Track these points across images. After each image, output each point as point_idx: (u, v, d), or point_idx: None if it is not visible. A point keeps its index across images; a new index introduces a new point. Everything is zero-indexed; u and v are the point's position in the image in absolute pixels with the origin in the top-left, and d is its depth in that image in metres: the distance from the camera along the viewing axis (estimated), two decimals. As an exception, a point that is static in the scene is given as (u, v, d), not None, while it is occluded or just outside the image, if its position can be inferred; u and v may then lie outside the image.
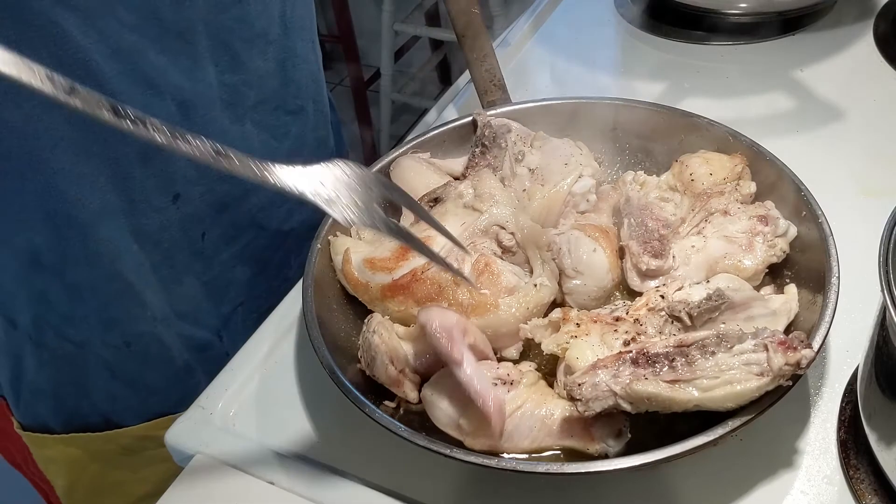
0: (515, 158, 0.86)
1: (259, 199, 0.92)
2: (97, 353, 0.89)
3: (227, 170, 0.54)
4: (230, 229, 0.92)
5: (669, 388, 0.59)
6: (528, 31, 1.26)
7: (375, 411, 0.65)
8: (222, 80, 0.83)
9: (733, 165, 0.81)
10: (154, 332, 0.90)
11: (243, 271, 0.96)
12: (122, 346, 0.90)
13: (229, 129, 0.85)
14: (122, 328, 0.89)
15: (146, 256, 0.85)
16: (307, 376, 0.81)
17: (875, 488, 0.65)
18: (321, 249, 0.79)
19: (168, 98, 0.78)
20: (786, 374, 0.59)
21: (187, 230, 0.87)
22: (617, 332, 0.68)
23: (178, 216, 0.85)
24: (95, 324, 0.87)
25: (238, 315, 0.98)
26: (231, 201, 0.90)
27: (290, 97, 0.92)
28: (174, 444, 0.76)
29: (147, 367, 0.93)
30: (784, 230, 0.76)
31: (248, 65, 0.85)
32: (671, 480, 0.68)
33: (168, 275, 0.88)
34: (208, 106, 0.82)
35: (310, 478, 0.71)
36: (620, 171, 0.91)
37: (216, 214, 0.89)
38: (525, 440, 0.65)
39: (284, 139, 0.93)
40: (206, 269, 0.92)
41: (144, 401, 0.95)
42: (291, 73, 0.91)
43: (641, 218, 0.79)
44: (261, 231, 0.95)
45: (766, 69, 1.12)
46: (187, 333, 0.94)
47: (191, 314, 0.93)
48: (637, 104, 0.90)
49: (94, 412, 0.94)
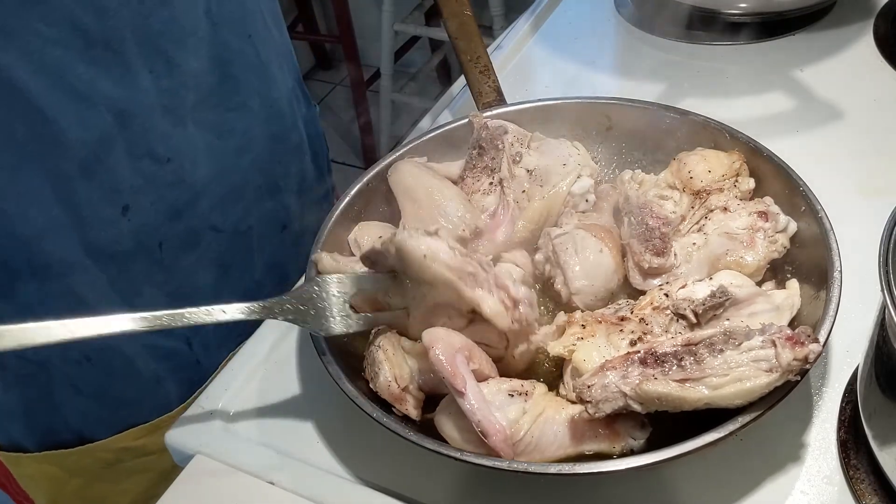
0: (513, 160, 0.86)
1: (210, 200, 0.90)
2: (59, 370, 0.87)
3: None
4: (187, 235, 0.89)
5: (679, 388, 0.60)
6: (528, 31, 1.26)
7: (383, 417, 0.64)
8: (159, 85, 0.80)
9: (731, 162, 0.81)
10: (114, 345, 0.88)
11: (206, 277, 0.93)
12: (83, 360, 0.88)
13: (171, 133, 0.83)
14: (80, 344, 0.84)
15: (101, 271, 0.83)
16: (307, 376, 0.81)
17: (875, 488, 0.65)
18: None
19: (102, 109, 0.76)
20: (794, 369, 0.59)
21: (142, 241, 0.85)
22: (623, 332, 0.68)
23: (130, 228, 0.83)
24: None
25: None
26: (183, 206, 0.87)
27: (230, 94, 0.89)
28: (174, 444, 0.76)
29: (112, 379, 0.91)
30: (784, 226, 0.76)
31: (183, 66, 0.82)
32: (672, 480, 0.68)
33: (126, 288, 0.86)
34: (146, 113, 0.80)
35: (310, 478, 0.71)
36: (617, 170, 0.91)
37: (170, 222, 0.86)
38: (551, 447, 0.64)
39: (229, 137, 0.90)
40: (168, 279, 0.89)
41: (115, 413, 0.94)
42: (227, 69, 0.87)
43: (641, 216, 0.79)
44: (218, 234, 0.93)
45: (766, 69, 1.12)
46: (153, 343, 0.91)
47: None
48: (632, 103, 0.90)
49: (65, 429, 0.93)
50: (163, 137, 0.82)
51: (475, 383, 0.64)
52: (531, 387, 0.67)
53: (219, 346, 0.95)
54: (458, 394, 0.63)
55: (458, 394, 0.63)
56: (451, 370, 0.63)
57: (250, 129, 0.93)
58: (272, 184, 0.98)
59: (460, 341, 0.67)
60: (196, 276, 0.92)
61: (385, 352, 0.69)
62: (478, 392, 0.64)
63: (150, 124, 0.81)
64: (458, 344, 0.66)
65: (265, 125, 0.95)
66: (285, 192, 1.01)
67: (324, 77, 3.40)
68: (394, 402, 0.68)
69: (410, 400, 0.68)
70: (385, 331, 0.72)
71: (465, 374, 0.64)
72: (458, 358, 0.65)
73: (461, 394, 0.63)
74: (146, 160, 0.81)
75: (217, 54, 0.85)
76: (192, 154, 0.85)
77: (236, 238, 0.95)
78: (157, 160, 0.82)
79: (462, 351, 0.66)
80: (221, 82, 0.87)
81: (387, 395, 0.68)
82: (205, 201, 0.89)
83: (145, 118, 0.80)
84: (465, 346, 0.67)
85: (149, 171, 0.82)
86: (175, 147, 0.83)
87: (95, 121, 0.76)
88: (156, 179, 0.82)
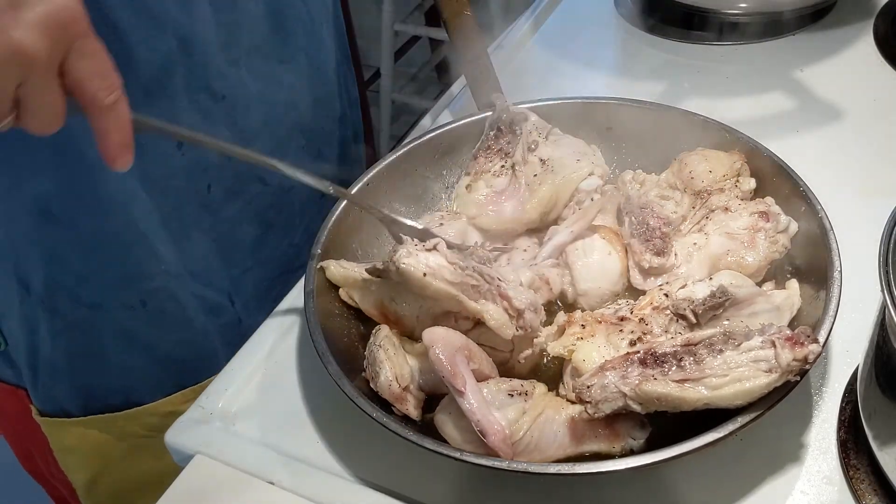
0: (529, 147, 0.87)
1: (259, 148, 0.89)
2: (112, 316, 0.88)
3: None
4: (234, 182, 0.90)
5: (679, 388, 0.60)
6: (528, 31, 1.26)
7: (382, 417, 0.64)
8: (218, 18, 0.81)
9: (732, 162, 0.81)
10: (169, 288, 0.89)
11: (249, 230, 0.95)
12: (138, 305, 0.89)
13: (227, 72, 0.85)
14: (138, 285, 0.88)
15: (155, 206, 0.84)
16: (308, 376, 0.81)
17: (875, 488, 0.65)
18: (320, 254, 0.79)
19: (169, 32, 0.77)
20: (794, 369, 0.59)
21: (193, 180, 0.86)
22: (622, 332, 0.68)
23: (183, 163, 0.84)
24: (110, 281, 0.86)
25: (248, 280, 0.97)
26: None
27: (280, 45, 0.90)
28: (174, 444, 0.76)
29: (164, 329, 0.91)
30: (785, 226, 0.76)
31: (240, 4, 0.84)
32: (672, 481, 0.68)
33: (177, 228, 0.87)
34: (206, 46, 0.81)
35: (310, 478, 0.71)
36: (618, 170, 0.91)
37: (220, 165, 0.88)
38: (551, 447, 0.64)
39: (278, 89, 0.92)
40: (214, 224, 0.90)
41: (164, 370, 0.94)
42: (280, 19, 0.89)
43: (642, 216, 0.79)
44: (264, 186, 0.94)
45: (766, 69, 1.12)
46: (200, 294, 0.93)
47: (202, 273, 0.92)
48: (632, 103, 0.90)
49: (111, 389, 0.93)
50: (219, 74, 0.84)
51: (475, 383, 0.64)
52: (531, 387, 0.67)
53: (258, 307, 0.95)
54: (458, 393, 0.63)
55: (458, 393, 0.63)
56: (450, 369, 0.64)
57: (296, 86, 0.94)
58: (314, 149, 1.00)
59: (460, 341, 0.67)
60: (240, 228, 0.94)
61: (386, 351, 0.69)
62: (477, 392, 0.64)
63: (209, 59, 0.82)
64: (459, 343, 0.66)
65: (310, 87, 0.96)
66: (326, 161, 1.03)
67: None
68: (394, 402, 0.68)
69: (411, 400, 0.69)
70: (386, 330, 0.72)
71: (464, 374, 0.64)
72: (457, 357, 0.65)
73: (461, 393, 0.63)
74: (203, 94, 0.83)
75: (270, 1, 0.87)
76: (245, 98, 0.87)
77: (280, 195, 0.96)
78: (212, 96, 0.84)
79: (462, 350, 0.66)
80: (274, 31, 0.89)
81: (387, 394, 0.68)
82: (254, 149, 0.89)
83: (205, 51, 0.81)
84: (465, 346, 0.67)
85: (205, 105, 0.83)
86: (230, 87, 0.85)
87: (161, 43, 0.77)
88: (210, 116, 0.83)
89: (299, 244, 1.00)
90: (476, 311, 0.68)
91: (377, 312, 0.76)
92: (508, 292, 0.70)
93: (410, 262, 0.67)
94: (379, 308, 0.75)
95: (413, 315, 0.74)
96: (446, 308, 0.70)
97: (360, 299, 0.77)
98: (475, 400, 0.63)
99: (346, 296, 0.78)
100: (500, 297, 0.69)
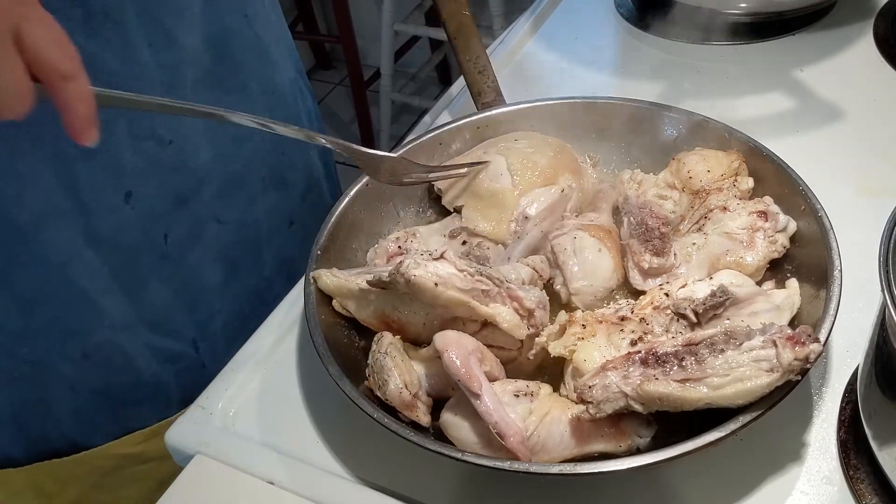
0: None
1: (213, 188, 0.88)
2: (56, 368, 0.85)
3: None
4: (192, 226, 0.87)
5: (680, 388, 0.60)
6: (528, 31, 1.26)
7: (383, 418, 0.64)
8: (158, 60, 0.78)
9: (730, 162, 0.81)
10: (115, 341, 0.86)
11: (213, 273, 0.91)
12: (81, 358, 0.85)
13: (172, 115, 0.81)
14: (80, 339, 0.84)
15: (103, 261, 0.81)
16: (307, 376, 0.81)
17: (875, 488, 0.65)
18: (320, 255, 0.78)
19: (103, 85, 0.73)
20: (795, 368, 0.59)
21: (147, 231, 0.83)
22: (623, 332, 0.68)
23: (134, 215, 0.81)
24: (50, 337, 0.83)
25: (216, 323, 0.94)
26: (187, 194, 0.85)
27: (229, 75, 0.86)
28: (174, 444, 0.76)
29: (111, 378, 0.88)
30: (784, 225, 0.76)
31: (181, 41, 0.80)
32: (672, 481, 0.68)
33: (131, 280, 0.84)
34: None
35: (310, 478, 0.71)
36: (617, 170, 0.91)
37: (174, 211, 0.84)
38: (558, 447, 0.64)
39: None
40: (175, 272, 0.87)
41: (113, 416, 0.90)
42: (225, 48, 0.85)
43: (641, 216, 0.79)
44: (222, 225, 0.90)
45: (766, 69, 1.12)
46: (157, 345, 0.89)
47: (161, 323, 0.89)
48: (632, 103, 0.90)
49: (59, 435, 0.89)
50: (164, 118, 0.80)
51: (489, 385, 0.64)
52: (536, 387, 0.67)
53: (226, 350, 0.91)
54: (474, 396, 0.63)
55: (474, 396, 0.63)
56: (465, 372, 0.63)
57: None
58: (277, 176, 0.96)
59: (472, 344, 0.67)
60: (203, 273, 0.90)
61: (393, 359, 0.68)
62: (493, 394, 0.64)
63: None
64: (471, 346, 0.66)
65: (267, 112, 0.92)
66: (291, 187, 0.99)
67: (324, 77, 3.40)
68: (404, 410, 0.67)
69: (421, 406, 0.68)
70: (390, 337, 0.71)
71: (479, 376, 0.64)
72: (471, 360, 0.65)
73: (477, 396, 0.63)
74: (148, 142, 0.80)
75: (213, 32, 0.83)
76: (194, 137, 0.84)
77: (242, 231, 0.93)
78: (159, 142, 0.80)
79: (475, 353, 0.66)
80: (219, 62, 0.85)
81: (398, 402, 0.67)
82: (207, 189, 0.87)
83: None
84: (477, 349, 0.67)
85: (151, 153, 0.80)
86: (176, 129, 0.81)
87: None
88: (158, 163, 0.80)
89: (270, 276, 0.97)
90: (488, 315, 0.68)
91: (378, 322, 0.74)
92: (518, 293, 0.69)
93: (420, 274, 0.66)
94: (380, 317, 0.74)
95: (419, 321, 0.73)
96: (456, 314, 0.70)
97: (357, 310, 0.75)
98: (491, 402, 0.63)
99: (339, 307, 0.76)
100: (510, 298, 0.69)
